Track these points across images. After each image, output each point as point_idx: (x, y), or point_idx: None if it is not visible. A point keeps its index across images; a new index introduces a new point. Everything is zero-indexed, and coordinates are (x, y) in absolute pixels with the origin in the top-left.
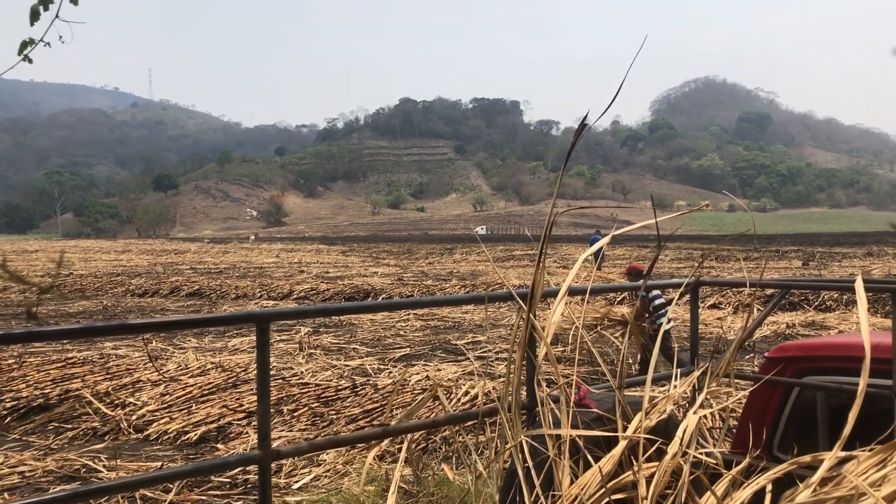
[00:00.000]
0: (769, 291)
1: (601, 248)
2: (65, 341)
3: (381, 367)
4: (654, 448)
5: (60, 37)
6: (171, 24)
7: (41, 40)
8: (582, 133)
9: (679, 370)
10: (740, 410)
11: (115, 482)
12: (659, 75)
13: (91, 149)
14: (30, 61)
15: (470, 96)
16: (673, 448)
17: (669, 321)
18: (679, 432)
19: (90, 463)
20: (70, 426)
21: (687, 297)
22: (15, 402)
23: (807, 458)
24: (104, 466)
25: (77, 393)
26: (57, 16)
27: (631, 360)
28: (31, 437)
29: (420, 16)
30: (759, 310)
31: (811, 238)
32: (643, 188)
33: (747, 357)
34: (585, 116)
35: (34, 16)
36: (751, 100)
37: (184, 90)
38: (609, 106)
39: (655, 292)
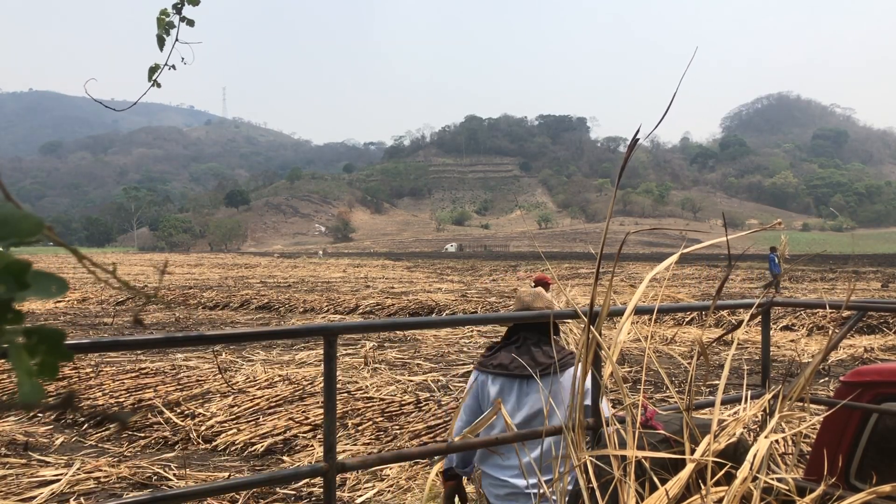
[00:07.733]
0: (846, 314)
1: (777, 265)
2: (138, 352)
3: (445, 382)
4: (722, 472)
5: (182, 59)
6: (244, 45)
7: (166, 64)
8: (633, 149)
9: (749, 392)
10: (814, 436)
11: (184, 490)
12: (730, 91)
13: (166, 165)
14: (158, 85)
15: (536, 113)
16: (743, 472)
17: None
18: (749, 456)
19: (161, 471)
20: (142, 435)
21: (758, 318)
22: (92, 410)
23: (886, 488)
24: (174, 475)
25: (149, 402)
26: (177, 39)
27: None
28: (107, 444)
29: (486, 34)
30: (834, 332)
31: (891, 259)
32: (713, 206)
33: (821, 381)
34: (637, 132)
35: (161, 42)
36: (826, 116)
37: (256, 108)
38: (659, 123)
39: None
